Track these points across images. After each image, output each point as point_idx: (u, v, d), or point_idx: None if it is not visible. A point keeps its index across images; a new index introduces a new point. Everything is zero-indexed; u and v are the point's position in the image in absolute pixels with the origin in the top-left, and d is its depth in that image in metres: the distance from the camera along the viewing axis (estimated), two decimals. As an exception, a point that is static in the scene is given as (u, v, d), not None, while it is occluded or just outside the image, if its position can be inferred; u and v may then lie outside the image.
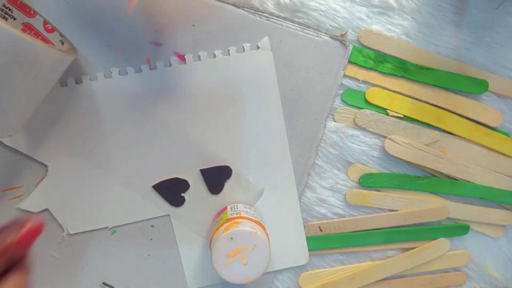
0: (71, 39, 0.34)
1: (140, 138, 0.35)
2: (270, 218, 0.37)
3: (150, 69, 0.35)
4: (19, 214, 0.35)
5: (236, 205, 0.35)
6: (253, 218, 0.33)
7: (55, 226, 0.36)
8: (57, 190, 0.35)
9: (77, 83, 0.35)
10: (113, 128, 0.35)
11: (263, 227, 0.33)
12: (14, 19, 0.32)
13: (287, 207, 0.37)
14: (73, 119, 0.35)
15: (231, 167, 0.36)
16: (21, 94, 0.27)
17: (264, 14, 0.36)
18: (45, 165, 0.35)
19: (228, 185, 0.36)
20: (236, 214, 0.33)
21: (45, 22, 0.32)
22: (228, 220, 0.32)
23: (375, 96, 0.37)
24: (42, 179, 0.35)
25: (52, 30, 0.32)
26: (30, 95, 0.28)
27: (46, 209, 0.35)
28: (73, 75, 0.34)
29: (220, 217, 0.34)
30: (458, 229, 0.40)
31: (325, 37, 0.36)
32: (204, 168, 0.36)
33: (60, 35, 0.32)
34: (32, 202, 0.35)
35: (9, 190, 0.35)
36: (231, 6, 0.35)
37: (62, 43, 0.32)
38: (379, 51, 0.37)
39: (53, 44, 0.32)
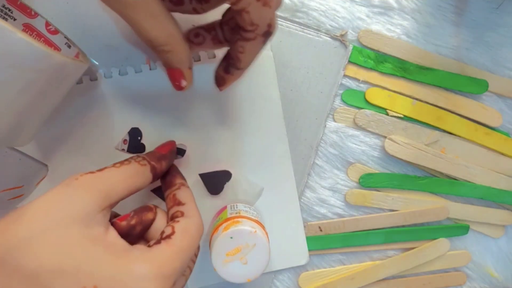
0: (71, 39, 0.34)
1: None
2: (270, 218, 0.37)
3: (150, 69, 0.35)
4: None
5: (236, 205, 0.35)
6: (252, 217, 0.33)
7: (55, 226, 0.36)
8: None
9: (77, 83, 0.35)
10: (112, 129, 0.35)
11: (263, 227, 0.33)
12: (14, 19, 0.31)
13: (287, 207, 0.37)
14: (72, 119, 0.35)
15: (231, 171, 0.36)
16: (27, 104, 0.26)
17: (264, 14, 0.36)
18: (45, 165, 0.35)
19: (228, 186, 0.36)
20: (236, 213, 0.33)
21: (47, 24, 0.32)
22: (228, 219, 0.32)
23: (375, 96, 0.37)
24: (42, 179, 0.35)
25: (55, 32, 0.32)
26: (37, 105, 0.27)
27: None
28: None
29: (219, 217, 0.34)
30: (458, 229, 0.40)
31: (325, 37, 0.36)
32: (204, 172, 0.36)
33: (65, 37, 0.32)
34: (32, 202, 0.35)
35: (9, 190, 0.35)
36: (231, 6, 0.35)
37: (69, 46, 0.32)
38: (379, 51, 0.37)
39: (58, 47, 0.32)
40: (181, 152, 0.35)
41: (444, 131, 0.38)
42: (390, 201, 0.38)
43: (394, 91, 0.38)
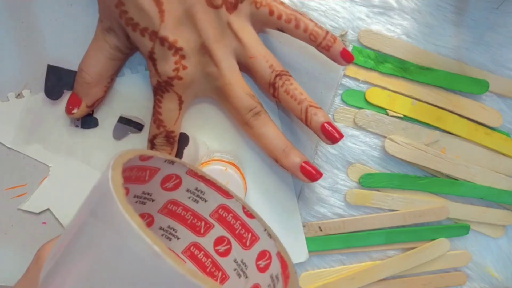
0: (71, 41, 0.34)
1: (138, 138, 0.36)
2: (267, 215, 0.37)
3: (146, 69, 0.35)
4: (22, 213, 0.35)
5: (212, 153, 0.35)
6: (226, 160, 0.33)
7: (57, 226, 0.36)
8: (58, 190, 0.35)
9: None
10: (111, 128, 0.35)
11: (238, 168, 0.33)
12: (205, 201, 0.29)
13: (284, 203, 0.37)
14: (73, 122, 0.35)
15: (188, 134, 0.36)
16: None
17: (264, 15, 0.36)
18: (47, 165, 0.35)
19: (187, 152, 0.36)
20: (209, 158, 0.34)
21: (244, 207, 0.29)
22: (200, 164, 0.33)
23: (375, 96, 0.37)
24: (43, 179, 0.35)
25: (251, 216, 0.28)
26: None
27: (48, 209, 0.35)
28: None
29: None
30: (458, 229, 0.40)
31: (325, 37, 0.36)
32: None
33: (263, 224, 0.28)
34: (34, 202, 0.35)
35: (13, 189, 0.35)
36: (231, 7, 0.35)
37: (270, 236, 0.27)
38: (379, 51, 0.37)
39: (257, 235, 0.28)
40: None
41: (444, 131, 0.38)
42: (390, 201, 0.38)
43: (394, 91, 0.38)
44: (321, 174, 0.33)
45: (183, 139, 0.36)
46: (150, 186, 0.28)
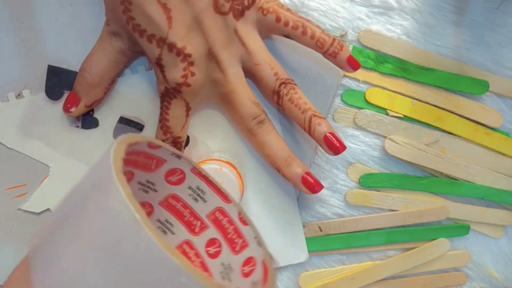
0: (71, 42, 0.34)
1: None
2: (267, 215, 0.37)
3: (146, 70, 0.35)
4: (22, 213, 0.35)
5: (212, 153, 0.35)
6: (223, 159, 0.33)
7: (57, 226, 0.36)
8: (59, 190, 0.35)
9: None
10: (111, 128, 0.35)
11: (236, 168, 0.33)
12: (205, 201, 0.30)
13: (284, 203, 0.37)
14: (73, 123, 0.35)
15: (188, 134, 0.36)
16: None
17: (264, 15, 0.36)
18: (47, 165, 0.35)
19: (187, 152, 0.36)
20: (207, 157, 0.34)
21: (240, 212, 0.29)
22: (198, 163, 0.33)
23: (375, 96, 0.37)
24: (44, 179, 0.35)
25: (245, 223, 0.29)
26: None
27: (48, 209, 0.36)
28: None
29: None
30: (458, 229, 0.40)
31: (325, 37, 0.36)
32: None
33: (255, 231, 0.29)
34: (34, 202, 0.35)
35: (13, 189, 0.35)
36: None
37: (259, 244, 0.28)
38: (379, 51, 0.37)
39: (246, 241, 0.29)
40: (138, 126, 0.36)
41: (444, 131, 0.38)
42: (390, 201, 0.38)
43: (394, 91, 0.38)
44: (322, 187, 0.33)
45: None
46: (155, 176, 0.28)
